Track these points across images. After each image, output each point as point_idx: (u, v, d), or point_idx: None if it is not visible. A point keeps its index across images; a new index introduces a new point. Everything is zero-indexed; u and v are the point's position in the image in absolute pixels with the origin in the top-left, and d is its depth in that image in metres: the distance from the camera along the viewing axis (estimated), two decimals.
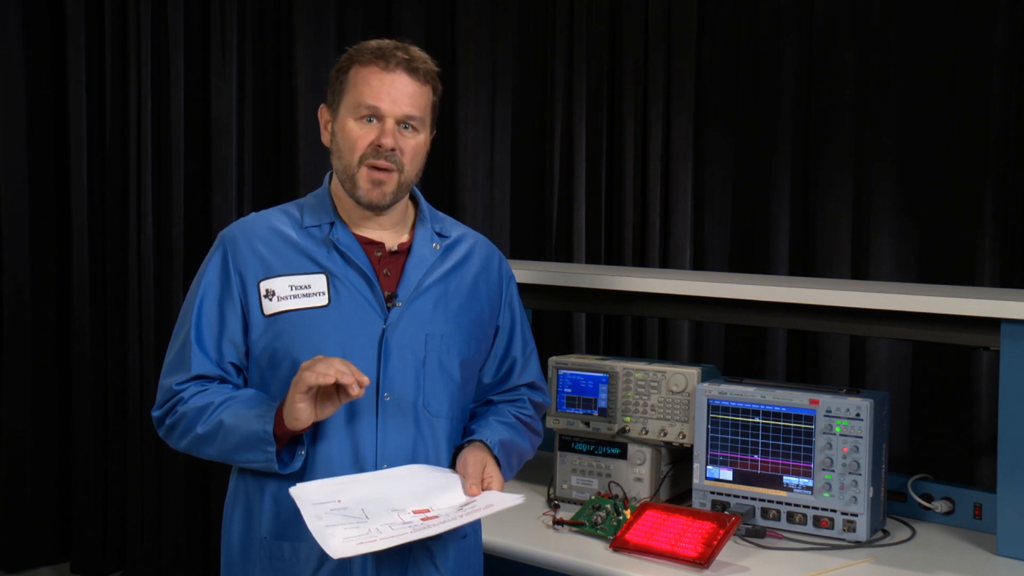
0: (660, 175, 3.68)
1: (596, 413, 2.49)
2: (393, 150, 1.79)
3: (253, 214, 1.91)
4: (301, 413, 1.67)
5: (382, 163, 1.78)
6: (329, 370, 1.63)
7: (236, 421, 1.73)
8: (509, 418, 1.94)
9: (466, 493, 1.76)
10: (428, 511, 1.70)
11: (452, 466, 1.85)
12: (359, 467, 1.77)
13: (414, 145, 1.82)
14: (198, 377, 1.80)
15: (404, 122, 1.80)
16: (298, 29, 4.01)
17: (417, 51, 1.84)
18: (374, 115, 1.79)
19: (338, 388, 1.67)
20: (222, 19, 3.98)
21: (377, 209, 1.83)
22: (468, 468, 1.79)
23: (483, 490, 1.76)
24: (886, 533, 2.28)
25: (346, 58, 1.84)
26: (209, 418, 1.75)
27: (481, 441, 1.85)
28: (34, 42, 4.00)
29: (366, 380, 1.67)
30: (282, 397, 1.74)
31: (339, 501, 1.68)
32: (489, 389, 1.99)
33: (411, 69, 1.81)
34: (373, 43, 1.84)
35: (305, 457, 1.75)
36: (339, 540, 1.60)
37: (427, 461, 1.81)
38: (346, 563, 1.74)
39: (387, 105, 1.78)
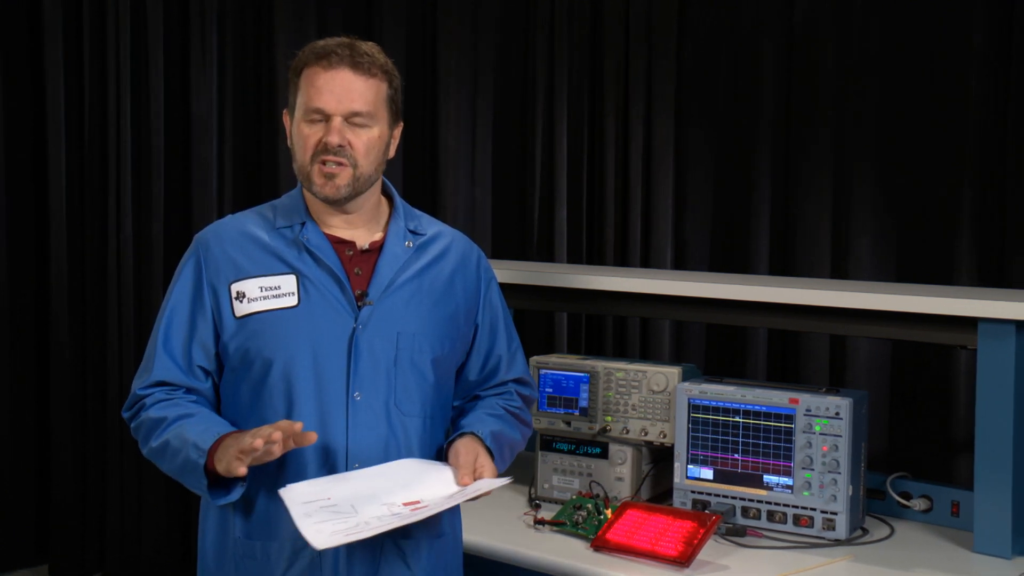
0: (641, 175, 3.69)
1: (577, 413, 2.49)
2: (341, 146, 1.77)
3: (229, 216, 1.91)
4: (234, 472, 1.66)
5: (331, 158, 1.77)
6: (256, 441, 1.62)
7: (179, 444, 1.72)
8: (498, 410, 1.95)
9: (458, 483, 1.76)
10: (418, 502, 1.70)
11: (442, 460, 1.86)
12: (329, 467, 1.77)
13: (366, 140, 1.80)
14: (161, 383, 1.80)
15: (352, 118, 1.78)
16: (278, 28, 3.99)
17: (364, 45, 1.82)
18: (321, 115, 1.78)
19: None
20: (202, 17, 3.96)
21: (335, 203, 1.82)
22: (460, 459, 1.79)
23: (475, 479, 1.76)
24: (865, 531, 2.30)
25: (295, 61, 1.83)
26: (160, 434, 1.75)
27: (473, 433, 1.85)
28: (11, 39, 3.96)
29: (311, 439, 1.67)
30: (252, 397, 1.77)
31: (328, 499, 1.68)
32: (475, 386, 2.00)
33: (354, 64, 1.78)
34: (319, 43, 1.82)
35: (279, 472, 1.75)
36: (326, 535, 1.60)
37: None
38: (317, 562, 1.75)
39: (331, 104, 1.77)
